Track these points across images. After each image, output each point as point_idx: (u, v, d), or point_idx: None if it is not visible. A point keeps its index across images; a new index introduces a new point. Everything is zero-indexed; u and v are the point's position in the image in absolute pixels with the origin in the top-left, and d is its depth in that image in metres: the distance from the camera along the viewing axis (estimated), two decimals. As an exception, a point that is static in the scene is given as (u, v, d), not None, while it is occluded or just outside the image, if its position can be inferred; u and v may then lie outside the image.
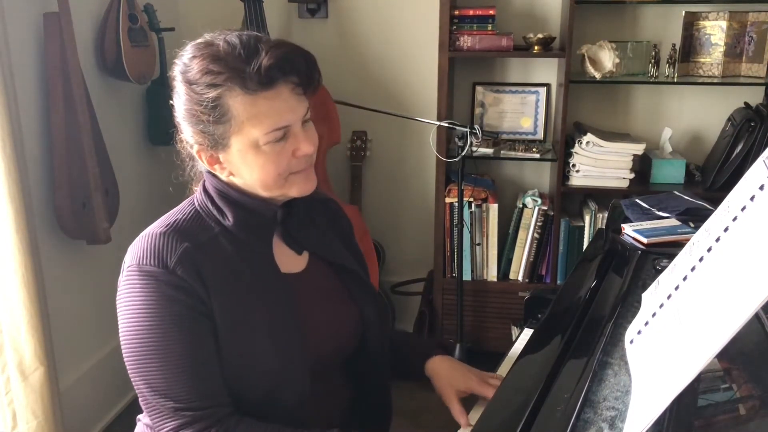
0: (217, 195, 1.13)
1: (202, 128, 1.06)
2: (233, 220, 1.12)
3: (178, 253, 1.06)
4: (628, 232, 1.50)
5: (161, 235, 1.08)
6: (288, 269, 1.18)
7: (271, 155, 1.07)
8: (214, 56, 1.04)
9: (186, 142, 1.14)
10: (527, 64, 2.92)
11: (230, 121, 1.05)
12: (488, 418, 1.04)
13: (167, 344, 1.04)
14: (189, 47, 1.08)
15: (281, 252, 1.18)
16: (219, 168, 1.11)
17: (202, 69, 1.04)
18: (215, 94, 1.03)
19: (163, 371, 1.04)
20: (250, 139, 1.06)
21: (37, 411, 2.00)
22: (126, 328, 1.07)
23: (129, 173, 2.66)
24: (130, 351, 1.06)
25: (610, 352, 1.05)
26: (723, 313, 0.74)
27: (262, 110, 1.04)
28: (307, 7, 2.97)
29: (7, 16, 1.91)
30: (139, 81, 2.52)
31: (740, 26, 2.67)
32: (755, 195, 0.77)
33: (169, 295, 1.04)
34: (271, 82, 1.04)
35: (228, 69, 1.03)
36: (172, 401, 1.05)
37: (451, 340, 2.82)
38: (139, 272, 1.06)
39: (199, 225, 1.11)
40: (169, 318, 1.04)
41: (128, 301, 1.07)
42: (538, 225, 2.80)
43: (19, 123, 1.92)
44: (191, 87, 1.05)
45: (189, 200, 1.17)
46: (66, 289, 2.33)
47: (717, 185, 2.64)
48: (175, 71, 1.09)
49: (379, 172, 3.15)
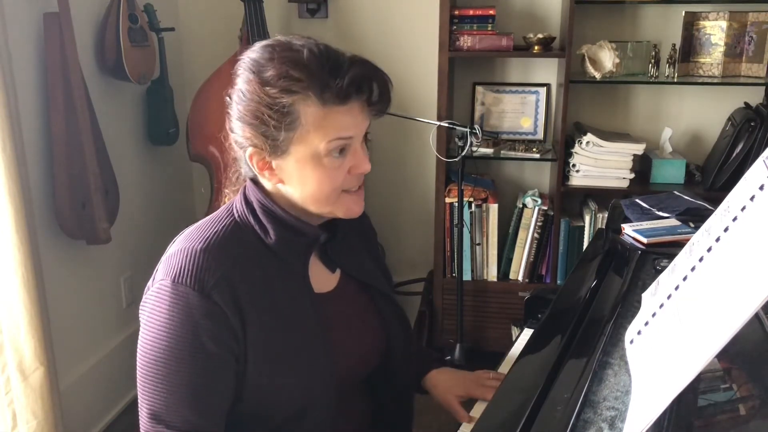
0: (260, 209, 1.09)
1: (265, 131, 1.02)
2: (275, 238, 1.07)
3: (217, 275, 1.01)
4: (628, 232, 1.50)
5: (202, 252, 1.03)
6: (320, 288, 1.15)
7: (329, 169, 1.04)
8: (296, 62, 1.00)
9: (237, 143, 1.08)
10: (527, 64, 2.92)
11: (297, 129, 1.01)
12: (488, 418, 1.04)
13: (178, 370, 1.01)
14: (261, 47, 1.04)
15: (315, 271, 1.15)
16: (269, 174, 1.07)
17: (281, 72, 1.00)
18: (290, 101, 1.00)
19: (165, 395, 1.01)
20: (312, 150, 1.02)
21: (37, 411, 1.99)
22: (144, 341, 1.03)
23: (129, 173, 2.66)
24: (142, 364, 1.03)
25: (610, 352, 1.04)
26: (723, 313, 0.74)
27: (331, 123, 1.02)
28: (307, 7, 2.97)
29: (7, 16, 1.91)
30: (139, 81, 2.52)
31: (740, 26, 2.67)
32: (755, 195, 0.77)
33: (197, 322, 1.00)
34: (347, 98, 1.02)
35: (309, 78, 0.99)
36: (164, 426, 1.02)
37: (451, 340, 2.82)
38: (173, 290, 1.01)
39: (239, 239, 1.07)
40: (189, 345, 1.00)
41: (154, 315, 1.02)
42: (538, 225, 2.80)
43: (19, 123, 1.92)
44: (264, 88, 1.00)
45: (227, 208, 1.12)
46: (66, 289, 2.33)
47: (717, 185, 2.64)
48: (244, 68, 1.04)
49: (379, 172, 3.15)
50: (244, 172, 1.12)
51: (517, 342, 1.52)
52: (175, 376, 1.01)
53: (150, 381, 1.02)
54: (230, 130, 1.08)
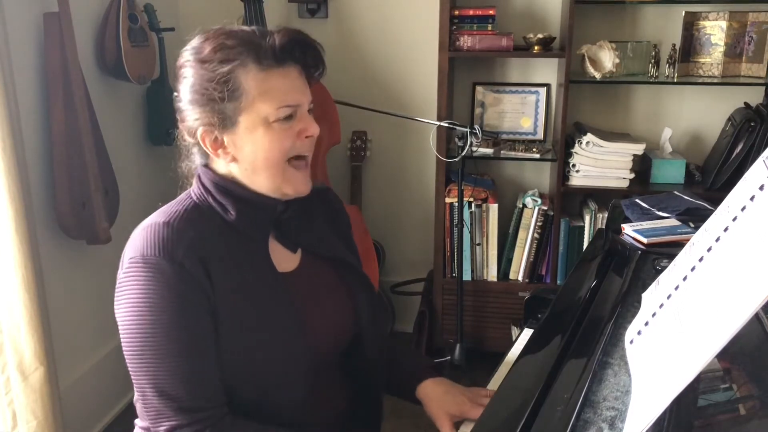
0: (216, 189, 1.12)
1: (212, 107, 1.07)
2: (236, 214, 1.10)
3: (185, 243, 1.04)
4: (628, 232, 1.50)
5: (165, 225, 1.06)
6: (282, 268, 1.17)
7: (279, 132, 1.08)
8: (228, 33, 1.08)
9: (188, 131, 1.12)
10: (527, 64, 2.92)
11: (241, 97, 1.06)
12: (488, 418, 1.04)
13: (169, 341, 1.03)
14: (196, 36, 1.10)
15: (276, 251, 1.17)
16: (222, 153, 1.10)
17: (215, 46, 1.06)
18: (228, 68, 1.05)
19: (164, 368, 1.03)
20: (261, 116, 1.07)
21: (37, 411, 1.99)
22: (127, 323, 1.04)
23: (129, 173, 2.66)
24: (131, 346, 1.04)
25: (610, 352, 1.05)
26: (723, 313, 0.74)
27: (274, 86, 1.07)
28: (307, 7, 2.97)
29: (7, 16, 1.91)
30: (139, 81, 2.52)
31: (740, 26, 2.67)
32: (755, 195, 0.77)
33: (175, 288, 1.03)
34: (283, 60, 1.07)
35: (243, 43, 1.06)
36: (171, 400, 1.03)
37: (451, 340, 2.82)
38: (144, 264, 1.03)
39: (201, 217, 1.10)
40: (174, 313, 1.03)
41: (131, 294, 1.04)
42: (538, 225, 2.80)
43: (19, 123, 1.92)
44: (203, 65, 1.06)
45: (185, 194, 1.16)
46: (66, 289, 2.33)
47: (717, 185, 2.64)
48: (184, 57, 1.10)
49: (379, 172, 3.15)
50: (196, 160, 1.17)
51: (517, 342, 1.52)
52: (172, 347, 1.03)
53: (147, 360, 1.03)
54: (180, 121, 1.13)
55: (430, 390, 1.29)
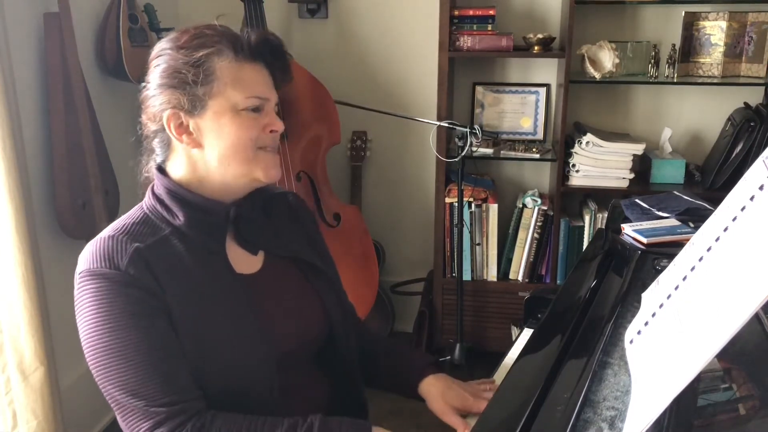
0: (167, 195, 1.13)
1: (183, 89, 1.09)
2: (184, 219, 1.12)
3: (129, 253, 1.06)
4: (628, 232, 1.50)
5: (109, 238, 1.08)
6: (243, 270, 1.18)
7: (247, 120, 1.10)
8: (208, 26, 1.13)
9: (152, 117, 1.14)
10: (527, 64, 2.93)
11: (214, 82, 1.09)
12: (488, 418, 1.04)
13: (129, 343, 1.03)
14: (173, 32, 1.14)
15: (235, 253, 1.18)
16: (187, 138, 1.11)
17: (195, 34, 1.11)
18: (205, 53, 1.08)
19: (130, 370, 1.04)
20: (230, 102, 1.09)
21: (37, 411, 2.00)
22: (86, 335, 1.06)
23: (129, 173, 2.65)
24: (94, 357, 1.05)
25: (610, 352, 1.05)
26: (723, 313, 0.74)
27: (246, 77, 1.10)
28: (307, 7, 2.97)
29: (7, 16, 1.91)
30: (139, 81, 2.47)
31: (740, 26, 2.67)
32: (755, 195, 0.77)
33: (124, 293, 1.04)
34: (257, 57, 1.12)
35: (221, 34, 1.11)
36: (144, 400, 1.04)
37: (450, 339, 2.82)
38: (91, 276, 1.05)
39: (149, 227, 1.12)
40: (128, 316, 1.04)
41: (84, 306, 1.06)
42: (538, 225, 2.80)
43: (19, 123, 1.92)
44: (180, 50, 1.09)
45: (137, 207, 1.18)
46: (66, 289, 2.31)
47: (717, 185, 2.64)
48: (160, 47, 1.13)
49: (379, 172, 3.15)
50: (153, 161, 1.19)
51: (517, 342, 1.52)
52: (134, 350, 1.03)
53: (113, 365, 1.04)
54: (144, 110, 1.15)
55: (433, 386, 1.30)
